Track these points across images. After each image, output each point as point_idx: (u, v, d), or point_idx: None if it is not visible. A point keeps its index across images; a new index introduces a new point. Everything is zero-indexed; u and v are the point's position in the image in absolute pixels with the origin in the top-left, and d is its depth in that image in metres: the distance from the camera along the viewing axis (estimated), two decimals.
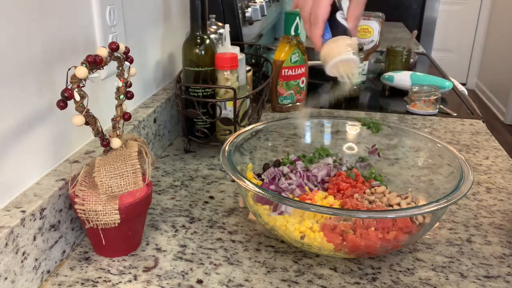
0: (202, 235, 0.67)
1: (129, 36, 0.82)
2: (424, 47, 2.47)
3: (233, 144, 0.69)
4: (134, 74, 0.61)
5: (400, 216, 0.56)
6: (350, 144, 0.82)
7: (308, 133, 0.84)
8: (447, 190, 0.61)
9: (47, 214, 0.56)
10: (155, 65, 0.95)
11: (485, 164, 0.91)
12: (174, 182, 0.82)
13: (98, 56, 0.53)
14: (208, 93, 0.88)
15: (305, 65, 1.14)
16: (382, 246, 0.58)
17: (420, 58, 1.76)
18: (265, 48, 1.44)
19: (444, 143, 0.70)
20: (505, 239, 0.67)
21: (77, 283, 0.57)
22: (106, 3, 0.72)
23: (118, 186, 0.57)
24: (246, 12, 1.24)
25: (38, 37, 0.58)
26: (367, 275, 0.59)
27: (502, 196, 0.79)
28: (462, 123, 1.12)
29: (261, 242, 0.65)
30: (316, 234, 0.59)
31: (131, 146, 0.60)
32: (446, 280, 0.59)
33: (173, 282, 0.57)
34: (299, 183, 0.70)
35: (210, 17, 1.01)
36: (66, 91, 0.51)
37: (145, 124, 0.84)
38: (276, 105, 1.15)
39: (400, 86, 1.32)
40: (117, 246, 0.61)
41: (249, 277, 0.58)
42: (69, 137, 0.66)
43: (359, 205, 0.65)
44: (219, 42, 1.00)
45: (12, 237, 0.50)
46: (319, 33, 0.66)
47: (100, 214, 0.57)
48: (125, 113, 0.62)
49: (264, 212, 0.62)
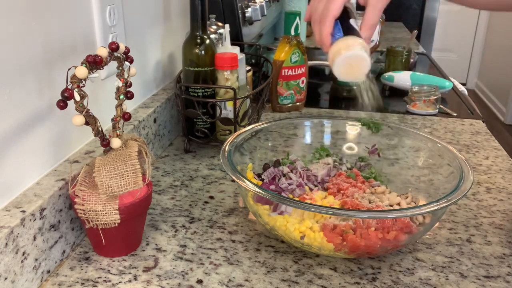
0: (202, 235, 0.67)
1: (129, 36, 0.82)
2: (424, 47, 2.47)
3: (233, 144, 0.69)
4: (134, 74, 0.61)
5: (400, 216, 0.56)
6: (350, 144, 0.82)
7: (308, 133, 0.84)
8: (447, 190, 0.61)
9: (47, 214, 0.56)
10: (155, 65, 0.95)
11: (485, 164, 0.91)
12: (174, 182, 0.82)
13: (98, 56, 0.53)
14: (208, 93, 0.88)
15: (305, 65, 1.14)
16: (382, 246, 0.58)
17: (420, 58, 1.76)
18: (265, 48, 1.44)
19: (444, 143, 0.70)
20: (505, 239, 0.67)
21: (77, 283, 0.57)
22: (106, 3, 0.72)
23: (118, 186, 0.57)
24: (246, 12, 1.24)
25: (38, 37, 0.58)
26: (367, 275, 0.59)
27: (502, 196, 0.79)
28: (462, 123, 1.12)
29: (261, 242, 0.65)
30: (316, 234, 0.59)
31: (131, 146, 0.60)
32: (446, 280, 0.59)
33: (173, 282, 0.57)
34: (299, 183, 0.70)
35: (210, 17, 1.01)
36: (66, 91, 0.51)
37: (145, 124, 0.84)
38: (276, 105, 1.15)
39: (400, 86, 1.32)
40: (117, 246, 0.61)
41: (249, 277, 0.58)
42: (69, 137, 0.66)
43: (359, 205, 0.65)
44: (219, 42, 1.00)
45: (12, 237, 0.50)
46: (328, 30, 0.60)
47: (100, 214, 0.57)
48: (125, 113, 0.62)
49: (264, 212, 0.62)
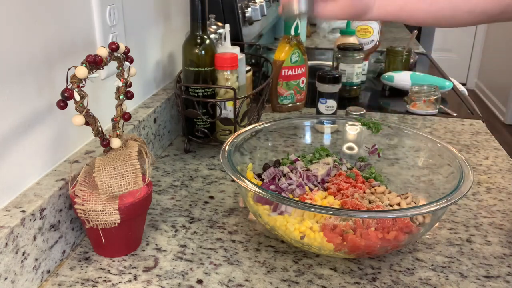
0: (202, 235, 0.67)
1: (129, 36, 0.82)
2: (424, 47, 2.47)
3: (233, 144, 0.69)
4: (134, 74, 0.61)
5: (400, 216, 0.56)
6: (350, 144, 0.82)
7: (308, 133, 0.84)
8: (447, 190, 0.61)
9: (47, 214, 0.56)
10: (155, 65, 0.95)
11: (485, 164, 0.91)
12: (174, 182, 0.82)
13: (98, 56, 0.53)
14: (208, 93, 0.88)
15: (305, 65, 1.14)
16: (382, 246, 0.58)
17: (420, 58, 1.76)
18: (265, 48, 1.44)
19: (444, 143, 0.70)
20: (505, 239, 0.67)
21: (77, 283, 0.57)
22: (106, 3, 0.72)
23: (118, 186, 0.57)
24: (246, 12, 1.24)
25: (38, 37, 0.58)
26: (367, 275, 0.59)
27: (502, 196, 0.79)
28: (462, 123, 1.12)
29: (261, 242, 0.65)
30: (316, 234, 0.59)
31: (131, 146, 0.60)
32: (446, 280, 0.59)
33: (173, 282, 0.57)
34: (299, 183, 0.70)
35: (210, 17, 1.01)
36: (66, 91, 0.51)
37: (145, 124, 0.84)
38: (276, 105, 1.15)
39: (400, 86, 1.32)
40: (117, 246, 0.61)
41: (249, 277, 0.58)
42: (69, 137, 0.66)
43: (359, 205, 0.65)
44: (219, 42, 1.00)
45: (12, 237, 0.50)
46: None
47: (100, 214, 0.57)
48: (125, 113, 0.62)
49: (264, 212, 0.62)
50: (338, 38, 1.39)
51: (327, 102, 1.03)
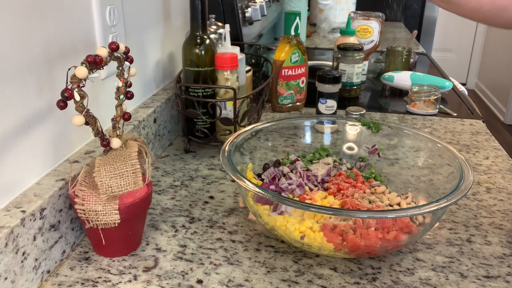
0: (202, 235, 0.67)
1: (129, 36, 0.82)
2: (424, 47, 2.47)
3: (233, 144, 0.69)
4: (134, 74, 0.61)
5: (400, 216, 0.56)
6: (350, 144, 0.82)
7: (308, 133, 0.84)
8: (447, 190, 0.61)
9: (47, 214, 0.56)
10: (155, 65, 0.95)
11: (485, 164, 0.91)
12: (174, 182, 0.82)
13: (98, 56, 0.53)
14: (208, 93, 0.88)
15: (305, 65, 1.14)
16: (382, 246, 0.58)
17: (420, 58, 1.76)
18: (265, 48, 1.44)
19: (444, 143, 0.70)
20: (505, 239, 0.67)
21: (77, 283, 0.57)
22: (106, 3, 0.72)
23: (118, 186, 0.57)
24: (246, 12, 1.24)
25: (38, 37, 0.58)
26: (367, 275, 0.59)
27: (502, 196, 0.79)
28: (462, 123, 1.12)
29: (261, 242, 0.65)
30: (316, 234, 0.59)
31: (131, 146, 0.60)
32: (446, 280, 0.59)
33: (173, 282, 0.57)
34: (299, 183, 0.70)
35: (210, 17, 1.01)
36: (66, 91, 0.51)
37: (145, 124, 0.84)
38: (276, 105, 1.15)
39: (400, 86, 1.32)
40: (117, 246, 0.61)
41: (249, 277, 0.58)
42: (69, 137, 0.66)
43: (359, 205, 0.65)
44: (219, 42, 1.00)
45: (12, 237, 0.50)
46: None
47: (100, 214, 0.57)
48: (125, 113, 0.62)
49: (264, 212, 0.62)
50: (338, 38, 1.38)
51: (327, 102, 1.03)
